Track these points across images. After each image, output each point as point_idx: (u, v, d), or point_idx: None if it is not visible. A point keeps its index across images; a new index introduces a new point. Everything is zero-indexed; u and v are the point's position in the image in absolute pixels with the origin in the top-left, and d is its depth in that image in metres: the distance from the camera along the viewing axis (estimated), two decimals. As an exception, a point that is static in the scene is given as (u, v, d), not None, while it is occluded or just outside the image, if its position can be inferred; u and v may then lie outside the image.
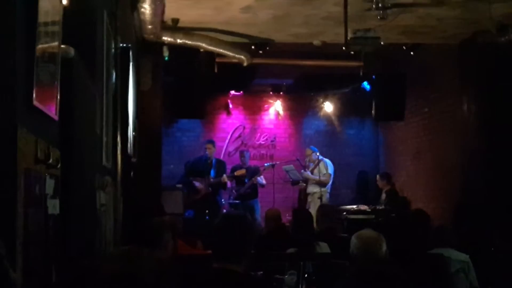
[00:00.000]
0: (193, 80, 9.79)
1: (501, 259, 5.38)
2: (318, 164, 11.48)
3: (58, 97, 2.51)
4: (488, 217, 6.99)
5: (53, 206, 2.45)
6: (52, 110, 2.42)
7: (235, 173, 11.42)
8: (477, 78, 9.06)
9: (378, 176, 11.69)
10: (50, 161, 2.32)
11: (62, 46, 2.63)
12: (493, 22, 7.75)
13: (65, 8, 2.70)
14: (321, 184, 11.28)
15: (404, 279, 3.80)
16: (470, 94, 9.25)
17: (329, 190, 11.55)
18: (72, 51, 2.78)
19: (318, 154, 11.60)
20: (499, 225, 6.61)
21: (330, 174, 11.55)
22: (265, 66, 10.98)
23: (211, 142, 11.63)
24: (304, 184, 11.73)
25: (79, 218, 3.03)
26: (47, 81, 2.36)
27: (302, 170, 11.78)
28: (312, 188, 11.49)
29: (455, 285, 5.13)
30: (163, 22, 7.97)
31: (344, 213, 10.18)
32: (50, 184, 2.38)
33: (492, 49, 8.51)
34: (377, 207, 10.51)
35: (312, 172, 11.57)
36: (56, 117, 2.48)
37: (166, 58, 9.25)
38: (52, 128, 2.50)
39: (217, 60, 9.88)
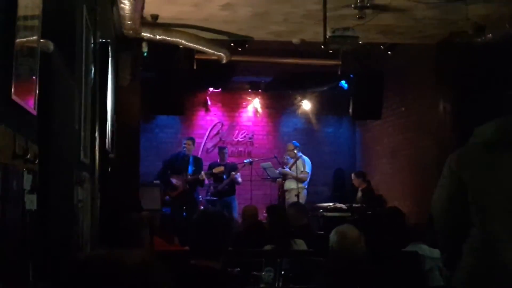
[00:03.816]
0: (172, 77, 9.77)
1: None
2: (296, 161, 11.51)
3: (37, 91, 2.50)
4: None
5: (31, 202, 2.43)
6: (30, 105, 2.41)
7: (213, 171, 11.41)
8: (453, 78, 9.15)
9: (353, 175, 11.75)
10: (28, 156, 2.31)
11: (42, 40, 2.62)
12: (470, 23, 7.83)
13: (44, 2, 2.68)
14: (299, 180, 11.31)
15: (381, 277, 3.84)
16: (446, 93, 9.34)
17: (306, 187, 11.60)
18: (51, 45, 2.77)
19: (298, 150, 11.67)
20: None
21: (307, 173, 11.58)
22: (244, 64, 10.99)
23: (191, 139, 11.60)
24: (281, 179, 11.76)
25: (56, 213, 3.02)
26: (26, 76, 2.35)
27: (280, 168, 11.81)
28: (289, 184, 11.51)
29: (429, 283, 5.19)
30: (142, 18, 7.95)
31: (321, 210, 10.24)
32: (27, 180, 2.37)
33: (469, 50, 8.60)
34: (353, 205, 10.58)
35: (290, 169, 11.60)
36: (34, 112, 2.47)
37: (145, 54, 9.21)
38: (30, 122, 2.49)
39: (196, 56, 9.87)
